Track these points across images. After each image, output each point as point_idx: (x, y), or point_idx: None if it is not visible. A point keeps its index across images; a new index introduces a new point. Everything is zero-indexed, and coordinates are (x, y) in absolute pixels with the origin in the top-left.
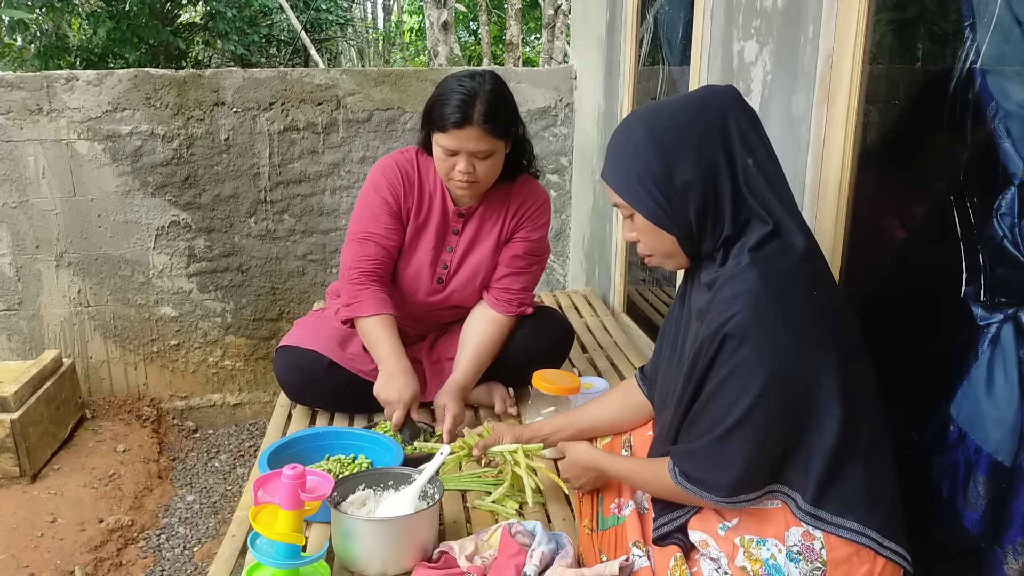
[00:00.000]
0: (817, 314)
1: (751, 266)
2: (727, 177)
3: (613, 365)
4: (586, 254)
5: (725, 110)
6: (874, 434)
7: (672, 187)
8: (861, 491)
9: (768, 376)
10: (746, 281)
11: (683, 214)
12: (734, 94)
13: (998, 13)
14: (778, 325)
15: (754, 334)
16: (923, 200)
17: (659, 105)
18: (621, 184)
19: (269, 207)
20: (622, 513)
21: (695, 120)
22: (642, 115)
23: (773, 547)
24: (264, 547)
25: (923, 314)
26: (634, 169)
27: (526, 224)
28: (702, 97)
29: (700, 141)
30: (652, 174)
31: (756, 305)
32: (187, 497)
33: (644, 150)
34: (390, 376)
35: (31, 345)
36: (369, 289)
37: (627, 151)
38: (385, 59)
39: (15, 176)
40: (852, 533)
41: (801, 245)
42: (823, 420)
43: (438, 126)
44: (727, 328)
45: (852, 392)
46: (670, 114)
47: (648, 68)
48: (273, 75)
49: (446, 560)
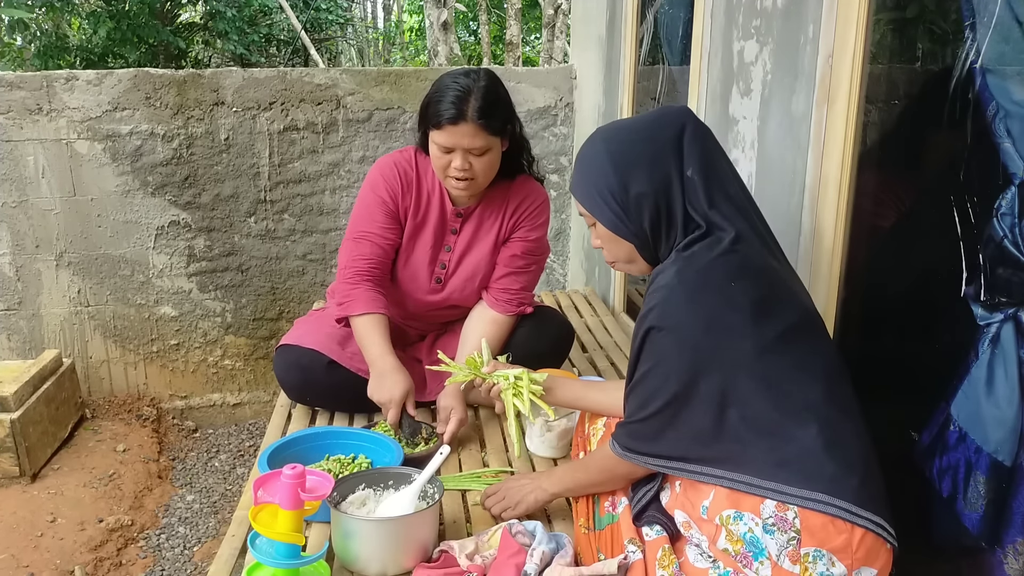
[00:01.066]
0: (729, 303)
1: (673, 263)
2: (678, 189)
3: (613, 365)
4: (586, 254)
5: (676, 127)
6: (828, 410)
7: (627, 198)
8: (822, 463)
9: (682, 362)
10: (666, 276)
11: (638, 223)
12: (687, 112)
13: (998, 13)
14: (686, 316)
15: (667, 324)
16: (923, 200)
17: (619, 124)
18: (584, 195)
19: (269, 207)
20: (616, 511)
21: (648, 137)
22: (604, 133)
23: (750, 520)
24: (264, 547)
25: (923, 314)
26: (594, 182)
27: (524, 224)
28: (657, 117)
29: (652, 157)
30: (610, 186)
31: (669, 296)
32: (187, 497)
33: (603, 165)
34: (380, 376)
35: (31, 345)
36: (362, 288)
37: (589, 165)
38: (385, 59)
39: (15, 176)
40: (820, 504)
41: (727, 240)
42: (747, 400)
43: (433, 123)
44: (648, 320)
45: (781, 373)
46: (627, 132)
47: (648, 68)
48: (273, 75)
49: (446, 559)
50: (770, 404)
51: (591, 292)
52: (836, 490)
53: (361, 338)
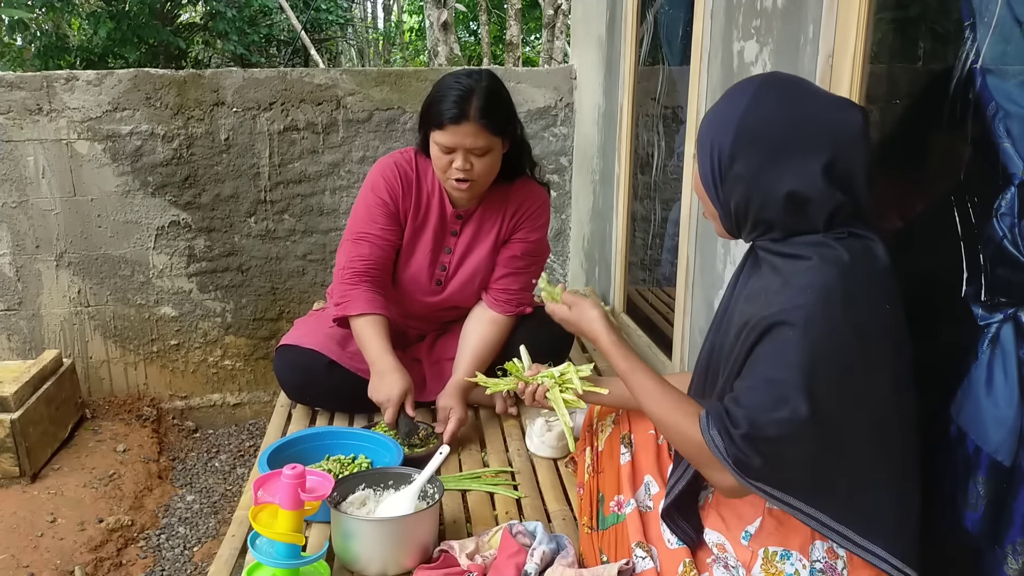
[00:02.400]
0: (882, 329)
1: (833, 264)
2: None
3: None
4: (586, 254)
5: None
6: (907, 461)
7: (730, 171)
8: (889, 516)
9: (819, 373)
10: (824, 274)
11: (725, 198)
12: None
13: (998, 13)
14: (842, 326)
15: (816, 328)
16: (923, 200)
17: (801, 87)
18: (704, 128)
19: (269, 207)
20: (622, 511)
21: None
22: (784, 86)
23: (797, 562)
24: (264, 547)
25: (923, 314)
26: (715, 127)
27: (524, 225)
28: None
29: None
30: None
31: (827, 297)
32: (187, 497)
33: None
34: (380, 376)
35: (31, 345)
36: (359, 289)
37: (731, 108)
38: (385, 59)
39: (15, 176)
40: (877, 559)
41: (884, 258)
42: (862, 437)
43: (435, 123)
44: (787, 316)
45: (896, 413)
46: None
47: (648, 68)
48: (273, 75)
49: (446, 559)
50: (880, 447)
51: (591, 292)
52: (892, 546)
53: (360, 338)
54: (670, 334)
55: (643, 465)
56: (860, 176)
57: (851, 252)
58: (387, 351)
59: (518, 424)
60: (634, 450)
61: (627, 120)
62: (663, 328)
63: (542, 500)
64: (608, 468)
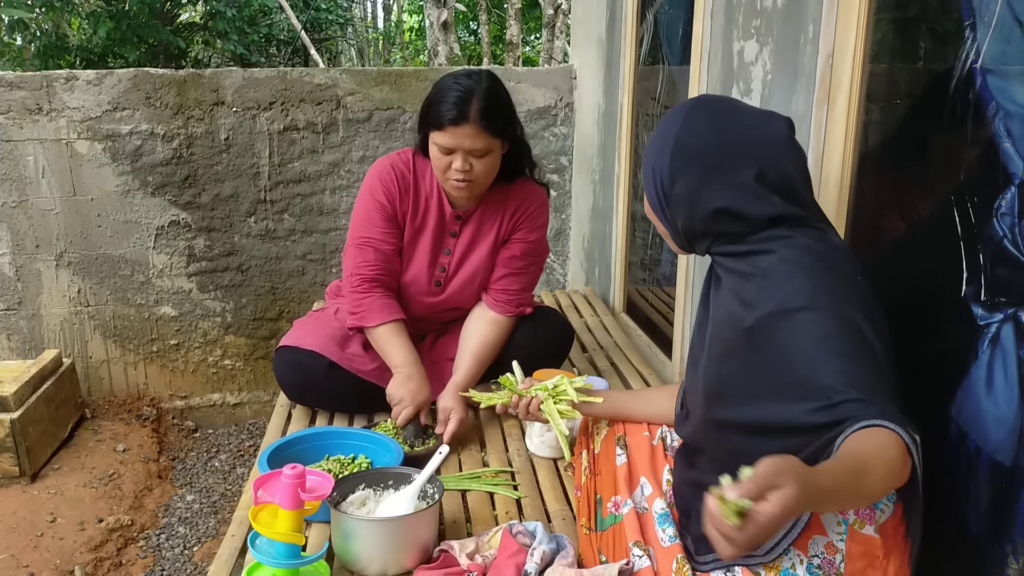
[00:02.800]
0: (866, 286)
1: (797, 247)
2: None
3: (613, 365)
4: (586, 254)
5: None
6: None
7: (672, 192)
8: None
9: (853, 319)
10: (795, 254)
11: (672, 218)
12: (789, 124)
13: (998, 13)
14: (837, 278)
15: (822, 295)
16: (923, 200)
17: (728, 106)
18: (645, 155)
19: (269, 207)
20: (620, 512)
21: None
22: (712, 108)
23: (795, 556)
24: (264, 547)
25: (923, 314)
26: (654, 156)
27: (524, 225)
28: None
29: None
30: (661, 169)
31: (810, 267)
32: (187, 497)
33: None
34: (408, 377)
35: (31, 345)
36: (373, 296)
37: (665, 134)
38: (385, 59)
39: (15, 176)
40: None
41: (840, 241)
42: (885, 350)
43: (435, 124)
44: (792, 303)
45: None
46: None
47: (648, 68)
48: (273, 75)
49: (446, 559)
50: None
51: (591, 292)
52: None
53: (382, 347)
54: (670, 334)
55: (638, 466)
56: (796, 179)
57: (809, 237)
58: (415, 360)
59: (518, 424)
60: (629, 452)
61: (627, 120)
62: (663, 328)
63: (542, 500)
64: (605, 470)
